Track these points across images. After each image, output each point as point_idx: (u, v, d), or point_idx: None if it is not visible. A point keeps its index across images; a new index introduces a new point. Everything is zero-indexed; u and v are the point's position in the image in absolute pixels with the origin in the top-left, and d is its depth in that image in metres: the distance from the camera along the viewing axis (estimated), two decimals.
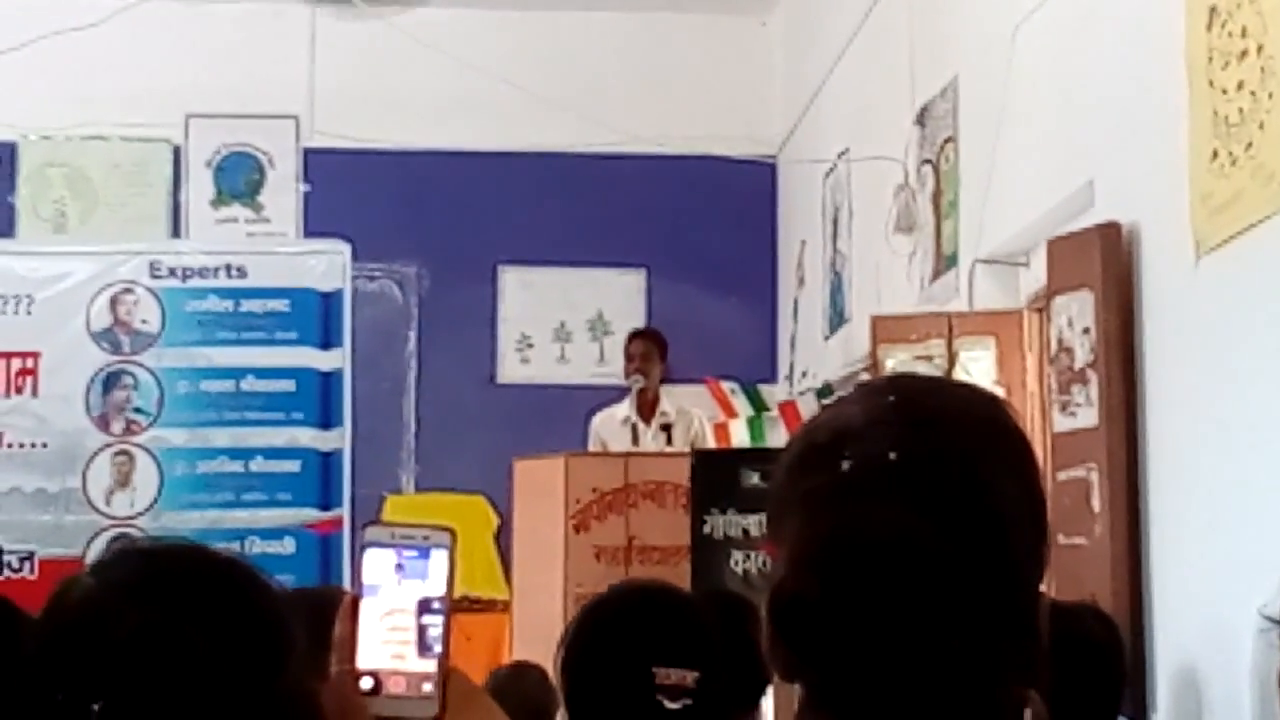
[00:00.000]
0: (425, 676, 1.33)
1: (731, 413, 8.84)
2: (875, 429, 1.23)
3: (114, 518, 7.58)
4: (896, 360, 5.70)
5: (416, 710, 1.32)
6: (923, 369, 5.57)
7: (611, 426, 7.59)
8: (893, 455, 1.22)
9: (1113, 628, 3.26)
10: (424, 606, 1.33)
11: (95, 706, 1.28)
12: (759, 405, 9.14)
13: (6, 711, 1.50)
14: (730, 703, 2.36)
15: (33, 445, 7.60)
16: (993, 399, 1.30)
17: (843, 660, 1.21)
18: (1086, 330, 4.59)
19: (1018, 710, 1.21)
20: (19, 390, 7.63)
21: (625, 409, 7.61)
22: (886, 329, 5.88)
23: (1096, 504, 4.47)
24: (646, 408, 7.58)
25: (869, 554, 1.20)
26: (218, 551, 1.42)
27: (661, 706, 2.23)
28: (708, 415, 8.22)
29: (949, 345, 5.64)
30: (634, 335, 8.09)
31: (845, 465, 1.22)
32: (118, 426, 7.68)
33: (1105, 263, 4.54)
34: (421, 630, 1.33)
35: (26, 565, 7.47)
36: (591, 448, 7.51)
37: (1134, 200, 4.55)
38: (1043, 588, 1.28)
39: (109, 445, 7.67)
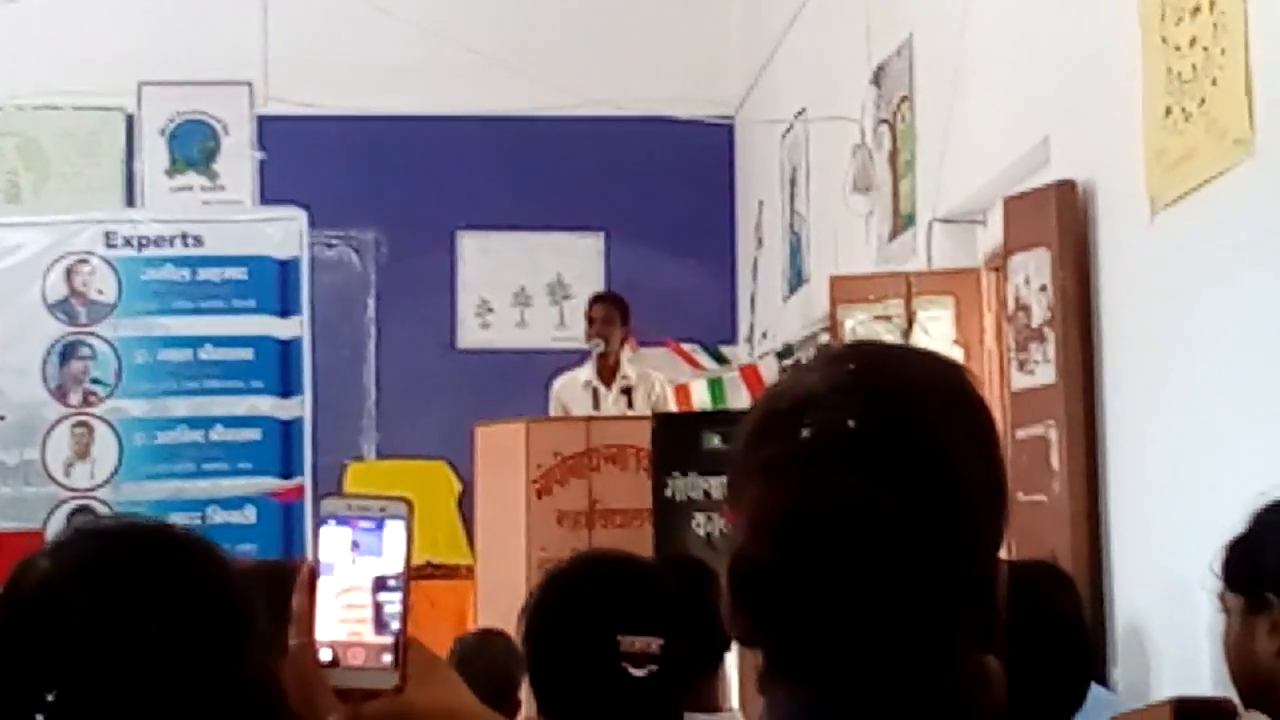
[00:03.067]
0: (384, 648, 1.33)
1: (698, 366, 8.85)
2: (835, 397, 1.23)
3: (74, 489, 7.54)
4: (855, 320, 5.72)
5: (376, 681, 1.32)
6: (881, 329, 5.59)
7: (573, 390, 7.59)
8: (852, 423, 1.22)
9: (1063, 579, 3.27)
10: (379, 584, 1.33)
11: (50, 695, 1.27)
12: (721, 363, 9.15)
13: None
14: (693, 667, 2.38)
15: None
16: (954, 367, 1.30)
17: (801, 627, 1.21)
18: (1043, 288, 4.61)
19: (976, 676, 1.21)
20: None
21: (586, 373, 7.61)
22: (845, 289, 5.89)
23: (1055, 461, 4.49)
24: (607, 372, 7.57)
25: (828, 521, 1.20)
26: (176, 530, 1.40)
27: (626, 673, 2.24)
28: (669, 378, 8.23)
29: (907, 305, 5.65)
30: (595, 299, 8.08)
31: (805, 433, 1.22)
32: (76, 398, 7.63)
33: (1061, 221, 4.55)
34: (378, 607, 1.33)
35: None
36: (553, 412, 7.50)
37: (1089, 157, 4.56)
38: (1001, 554, 1.28)
39: (67, 417, 7.62)
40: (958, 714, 1.20)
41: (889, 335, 5.55)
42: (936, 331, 5.56)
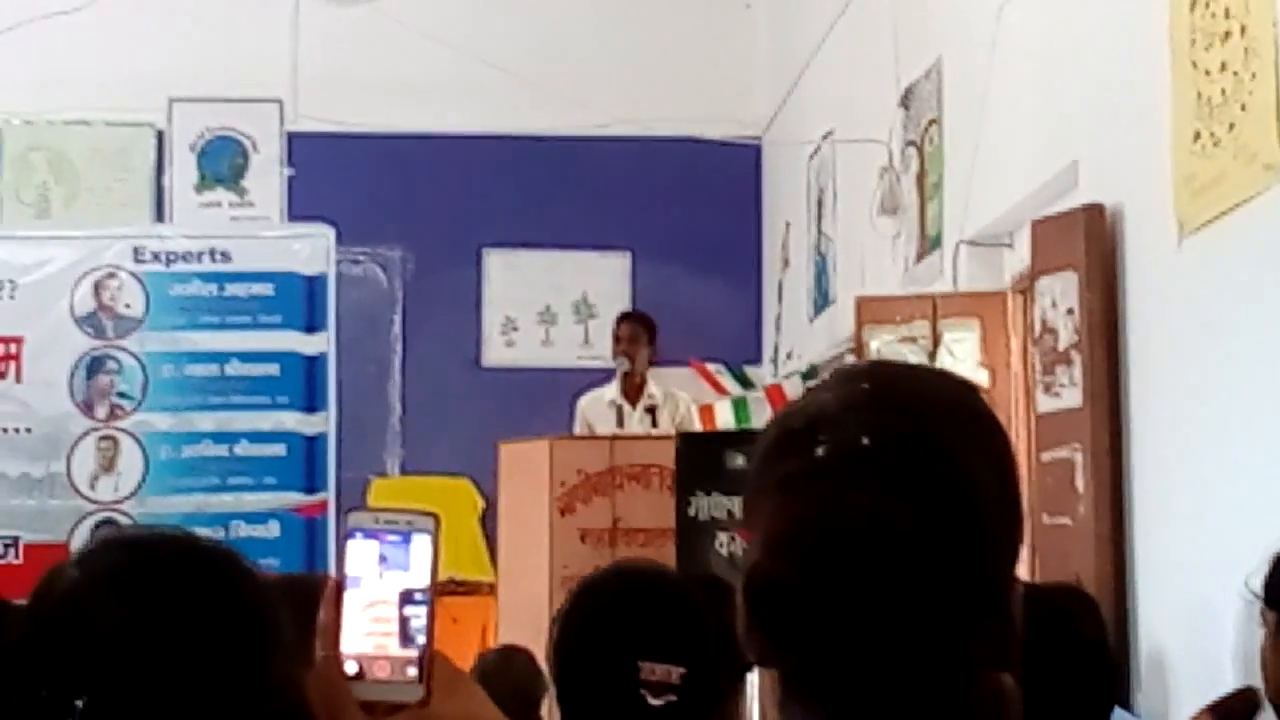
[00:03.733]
0: (409, 661, 1.33)
1: (721, 390, 8.85)
2: (849, 415, 1.23)
3: (99, 502, 7.57)
4: (881, 342, 5.71)
5: (401, 694, 1.32)
6: (907, 350, 5.58)
7: (597, 409, 7.59)
8: (866, 441, 1.22)
9: (1087, 602, 3.26)
10: (406, 598, 1.33)
11: (79, 703, 1.27)
12: (746, 386, 9.15)
13: None
14: (716, 695, 2.34)
15: (17, 430, 7.58)
16: (967, 386, 1.30)
17: (817, 645, 1.21)
18: (1070, 311, 4.60)
19: (993, 695, 1.21)
20: (2, 376, 7.61)
21: (611, 391, 7.61)
22: (871, 310, 5.89)
23: (1080, 484, 4.48)
24: (633, 390, 7.58)
25: (843, 539, 1.20)
26: (202, 541, 1.41)
27: (644, 702, 2.22)
28: (694, 397, 8.23)
29: (933, 327, 5.65)
30: (622, 318, 8.09)
31: (820, 451, 1.22)
32: (102, 411, 7.66)
33: (1089, 244, 4.54)
34: (404, 621, 1.33)
35: (11, 551, 7.46)
36: (577, 430, 7.51)
37: (1118, 181, 4.55)
38: (1022, 575, 1.28)
39: (93, 430, 7.65)
40: None
41: (914, 357, 5.55)
42: (962, 354, 5.56)
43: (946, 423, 1.24)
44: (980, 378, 5.43)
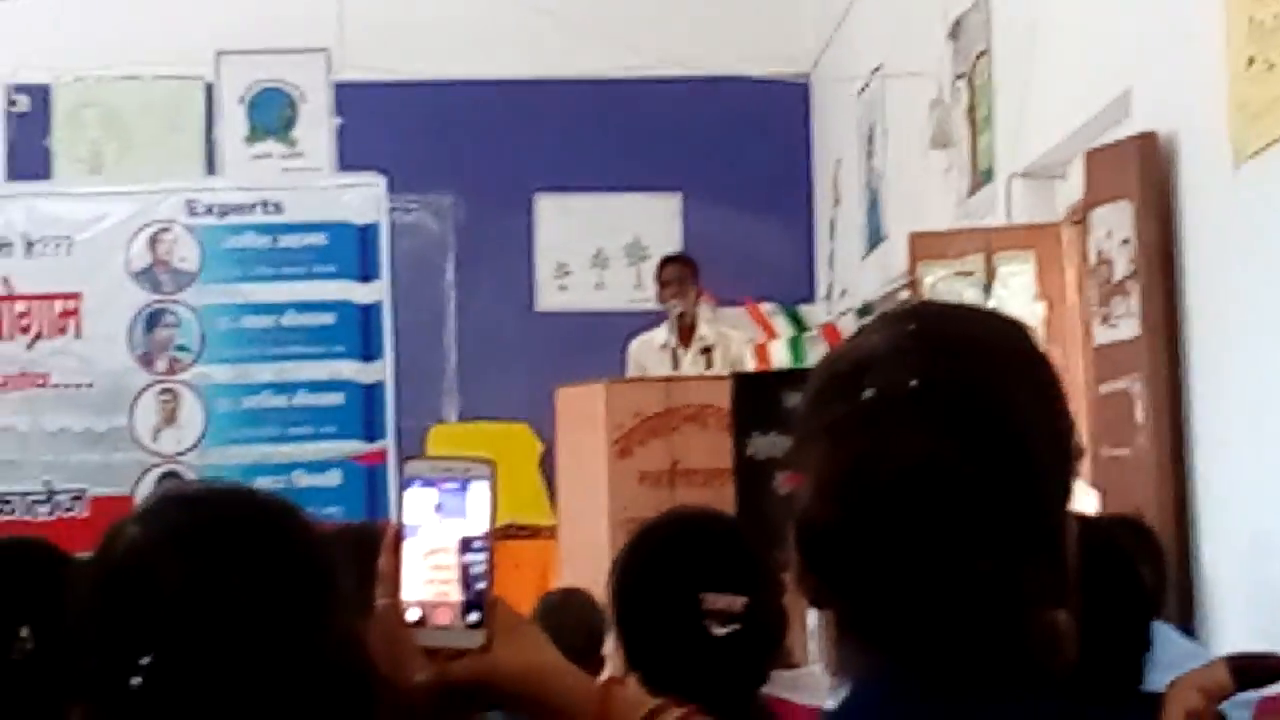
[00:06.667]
0: (470, 607, 1.34)
1: (772, 333, 8.84)
2: (897, 357, 1.23)
3: (161, 455, 7.63)
4: (936, 276, 5.68)
5: (463, 640, 1.34)
6: (962, 285, 5.55)
7: (650, 352, 7.59)
8: (914, 383, 1.22)
9: (1145, 534, 3.24)
10: (465, 545, 1.35)
11: (145, 660, 1.29)
12: (799, 325, 9.13)
13: (53, 658, 1.53)
14: (779, 625, 2.37)
15: (79, 386, 7.64)
16: (1015, 324, 1.29)
17: (870, 586, 1.22)
18: (1126, 242, 4.56)
19: (1045, 632, 1.21)
20: (62, 331, 7.66)
21: (663, 334, 7.60)
22: (925, 245, 5.85)
23: (1139, 415, 4.46)
24: (685, 332, 7.56)
25: (892, 480, 1.21)
26: (260, 494, 1.42)
27: (708, 632, 2.24)
28: (747, 337, 8.22)
29: (988, 260, 5.61)
30: (666, 261, 8.07)
31: (867, 394, 1.22)
32: (162, 365, 7.71)
33: (1143, 173, 4.50)
34: (464, 568, 1.34)
35: (78, 504, 7.54)
36: (630, 373, 7.51)
37: (1171, 109, 4.50)
38: (1075, 507, 1.28)
39: (154, 383, 7.70)
40: (1028, 670, 1.20)
41: (970, 291, 5.52)
42: (1018, 287, 5.52)
43: (994, 362, 1.24)
44: (1037, 311, 5.40)
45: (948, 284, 5.59)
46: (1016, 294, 5.46)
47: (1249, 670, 1.12)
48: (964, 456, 1.20)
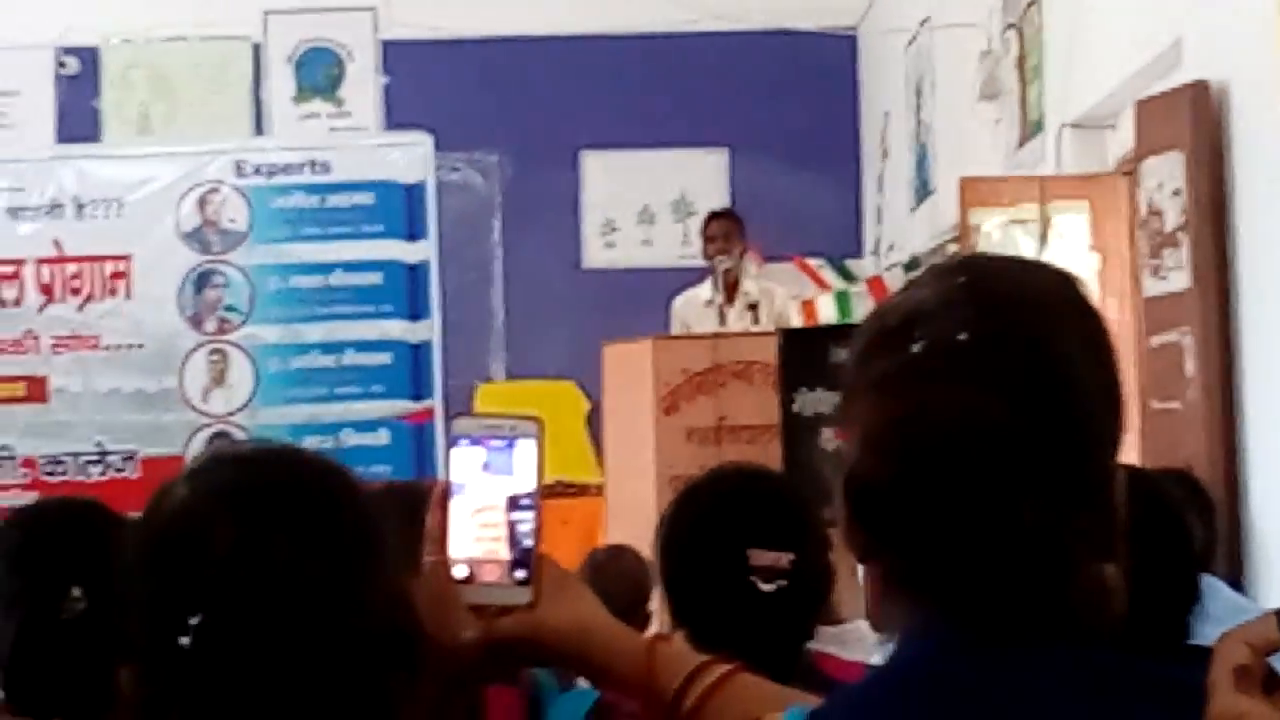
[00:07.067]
0: (517, 565, 1.35)
1: (825, 286, 8.80)
2: (946, 310, 1.22)
3: (212, 415, 7.68)
4: (991, 224, 5.62)
5: (510, 598, 1.34)
6: (1018, 233, 5.51)
7: (694, 308, 7.58)
8: (963, 336, 1.21)
9: (1194, 487, 3.21)
10: (512, 502, 1.35)
11: (194, 620, 1.30)
12: (847, 279, 9.10)
13: (105, 619, 1.54)
14: (826, 581, 2.37)
15: (129, 347, 7.68)
16: (1064, 276, 1.28)
17: (919, 541, 1.21)
18: (1177, 193, 4.52)
19: (1094, 585, 1.21)
20: (113, 293, 7.70)
21: (707, 291, 7.58)
22: (977, 192, 5.79)
23: (1190, 368, 4.43)
24: (729, 288, 7.54)
25: (941, 434, 1.20)
26: (306, 454, 1.42)
27: (755, 588, 2.24)
28: (796, 292, 8.20)
29: (1042, 209, 5.56)
30: (712, 216, 8.04)
31: (916, 347, 1.21)
32: (211, 325, 7.75)
33: (1195, 123, 4.45)
34: (511, 525, 1.35)
35: (129, 465, 7.60)
36: (674, 330, 7.50)
37: (1222, 58, 4.45)
38: (1127, 459, 1.27)
39: (203, 344, 7.74)
40: (1076, 623, 1.20)
41: (1026, 239, 5.47)
42: (1072, 235, 5.47)
43: (1044, 315, 1.23)
44: (1092, 262, 5.35)
45: (1004, 231, 5.54)
46: (1072, 244, 5.41)
47: None
48: (1013, 410, 1.19)
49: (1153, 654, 1.20)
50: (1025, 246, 5.37)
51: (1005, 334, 1.21)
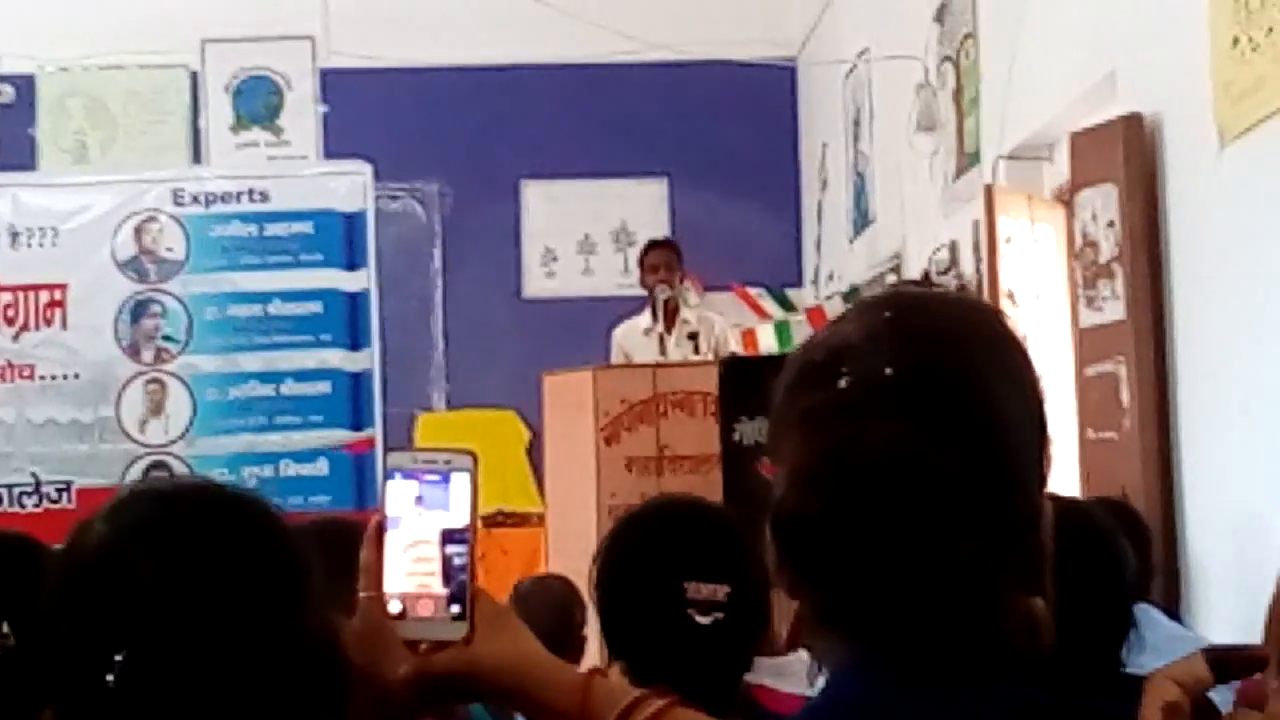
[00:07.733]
0: (452, 599, 1.34)
1: (765, 315, 8.82)
2: (872, 345, 1.23)
3: (149, 445, 7.62)
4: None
5: (445, 633, 1.33)
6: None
7: (635, 338, 7.57)
8: (889, 371, 1.21)
9: (1130, 516, 3.22)
10: (447, 537, 1.34)
11: (118, 656, 1.29)
12: (787, 309, 9.13)
13: (29, 657, 1.52)
14: (762, 613, 2.37)
15: (65, 376, 7.62)
16: (989, 309, 1.29)
17: (846, 577, 1.21)
18: (1111, 224, 4.56)
19: (1022, 618, 1.21)
20: (49, 322, 7.64)
21: (646, 319, 7.58)
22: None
23: (1125, 398, 4.46)
24: (668, 317, 7.55)
25: (867, 470, 1.20)
26: (228, 489, 1.41)
27: (692, 621, 2.24)
28: (733, 321, 8.21)
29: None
30: (651, 245, 8.04)
31: (843, 383, 1.22)
32: (148, 354, 7.70)
33: (1128, 155, 4.50)
34: (446, 560, 1.34)
35: (64, 495, 7.53)
36: (614, 359, 7.49)
37: (1156, 90, 4.50)
38: (1062, 490, 1.28)
39: (140, 374, 7.69)
40: (1006, 657, 1.20)
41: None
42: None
43: (969, 349, 1.24)
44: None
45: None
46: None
47: (1227, 662, 1.11)
48: (939, 445, 1.19)
49: (1086, 685, 1.21)
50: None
51: (930, 369, 1.22)
